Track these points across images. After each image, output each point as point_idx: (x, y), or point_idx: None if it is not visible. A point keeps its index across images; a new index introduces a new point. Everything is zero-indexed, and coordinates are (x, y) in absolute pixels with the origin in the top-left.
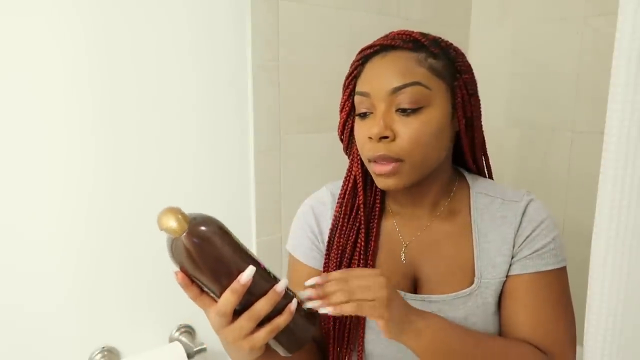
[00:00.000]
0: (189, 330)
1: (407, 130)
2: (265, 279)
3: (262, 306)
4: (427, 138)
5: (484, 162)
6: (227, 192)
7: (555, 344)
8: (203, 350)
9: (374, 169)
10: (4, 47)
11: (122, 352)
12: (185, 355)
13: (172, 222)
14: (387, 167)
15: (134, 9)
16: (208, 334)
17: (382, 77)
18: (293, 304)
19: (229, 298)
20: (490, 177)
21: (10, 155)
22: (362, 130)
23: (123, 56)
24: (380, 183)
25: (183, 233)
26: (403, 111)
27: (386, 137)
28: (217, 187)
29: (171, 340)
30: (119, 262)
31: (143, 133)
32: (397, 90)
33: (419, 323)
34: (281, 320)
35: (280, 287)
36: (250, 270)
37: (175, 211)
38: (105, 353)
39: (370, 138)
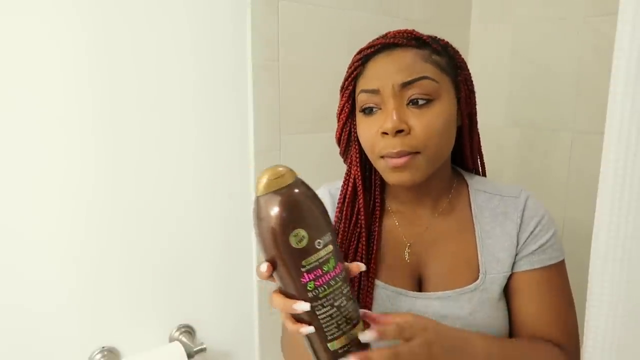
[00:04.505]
0: (189, 330)
1: (421, 121)
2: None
3: (277, 303)
4: (441, 129)
5: (478, 160)
6: (227, 192)
7: (566, 335)
8: (203, 350)
9: (388, 162)
10: (4, 47)
11: (122, 352)
12: (185, 355)
13: (281, 169)
14: (401, 160)
15: (133, 9)
16: (208, 334)
17: (391, 73)
18: (305, 330)
19: (262, 272)
20: (484, 174)
21: (11, 156)
22: (371, 127)
23: (123, 56)
24: (393, 178)
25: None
26: (415, 104)
27: (401, 131)
28: (217, 187)
29: (171, 340)
30: (119, 262)
31: (143, 133)
32: (407, 84)
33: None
34: (292, 328)
35: (298, 306)
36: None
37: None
38: (105, 353)
39: (384, 134)
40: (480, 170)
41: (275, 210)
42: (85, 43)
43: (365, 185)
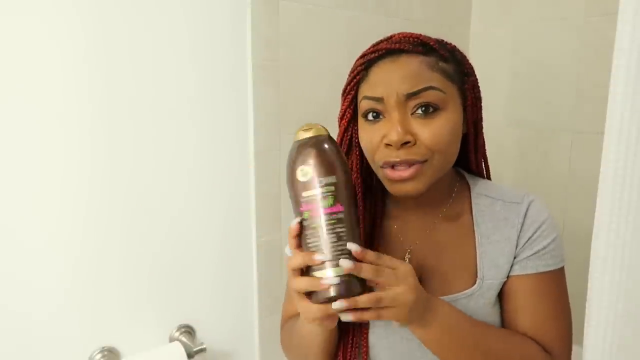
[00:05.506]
0: (189, 330)
1: (428, 131)
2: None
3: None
4: (447, 138)
5: (483, 164)
6: (227, 192)
7: (554, 341)
8: (203, 350)
9: (390, 175)
10: (3, 47)
11: (122, 352)
12: (185, 355)
13: (311, 125)
14: (407, 172)
15: (133, 9)
16: (208, 334)
17: (395, 81)
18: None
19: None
20: (489, 177)
21: (10, 156)
22: (374, 134)
23: (122, 56)
24: (396, 189)
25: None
26: (421, 114)
27: (407, 143)
28: (217, 187)
29: (171, 340)
30: (119, 262)
31: (142, 134)
32: (412, 95)
33: (428, 318)
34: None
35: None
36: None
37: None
38: (105, 353)
39: (388, 145)
40: (485, 173)
41: (293, 152)
42: (85, 43)
43: (365, 190)
